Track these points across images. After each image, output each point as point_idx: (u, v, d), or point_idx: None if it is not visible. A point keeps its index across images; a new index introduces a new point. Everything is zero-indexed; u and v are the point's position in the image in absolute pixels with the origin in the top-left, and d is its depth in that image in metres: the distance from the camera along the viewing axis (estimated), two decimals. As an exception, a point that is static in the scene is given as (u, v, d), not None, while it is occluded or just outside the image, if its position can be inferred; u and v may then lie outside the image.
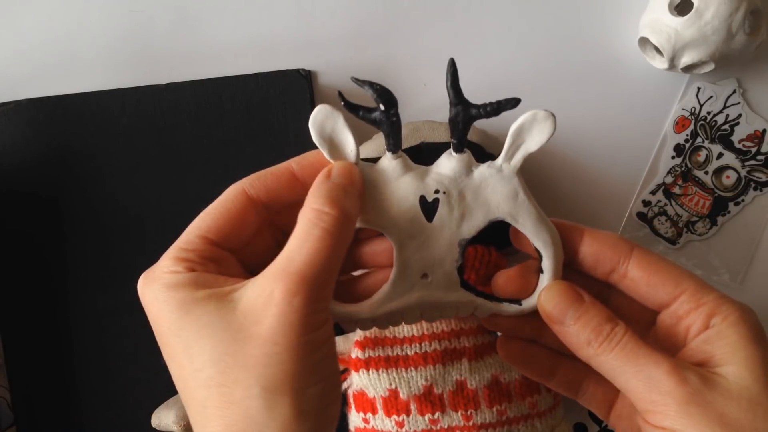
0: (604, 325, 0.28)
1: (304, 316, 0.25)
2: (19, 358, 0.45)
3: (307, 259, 0.26)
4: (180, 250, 0.28)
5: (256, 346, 0.25)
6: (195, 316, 0.26)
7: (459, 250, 0.30)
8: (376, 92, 0.28)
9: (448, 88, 0.29)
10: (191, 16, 0.48)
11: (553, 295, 0.29)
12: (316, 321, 0.26)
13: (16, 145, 0.45)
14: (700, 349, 0.28)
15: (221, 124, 0.46)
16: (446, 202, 0.29)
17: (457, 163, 0.30)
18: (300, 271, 0.25)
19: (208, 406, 0.26)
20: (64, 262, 0.46)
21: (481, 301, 0.31)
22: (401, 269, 0.30)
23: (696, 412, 0.26)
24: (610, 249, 0.30)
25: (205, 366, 0.25)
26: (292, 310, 0.25)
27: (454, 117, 0.29)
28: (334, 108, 0.28)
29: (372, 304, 0.30)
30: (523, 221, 0.30)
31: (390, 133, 0.29)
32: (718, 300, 0.28)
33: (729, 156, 0.48)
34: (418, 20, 0.48)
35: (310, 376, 0.25)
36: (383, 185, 0.29)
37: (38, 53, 0.48)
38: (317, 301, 0.26)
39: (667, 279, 0.29)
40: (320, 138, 0.29)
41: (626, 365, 0.27)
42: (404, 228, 0.29)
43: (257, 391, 0.25)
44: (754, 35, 0.43)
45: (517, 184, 0.30)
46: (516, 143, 0.29)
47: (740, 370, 0.26)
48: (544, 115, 0.29)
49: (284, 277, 0.25)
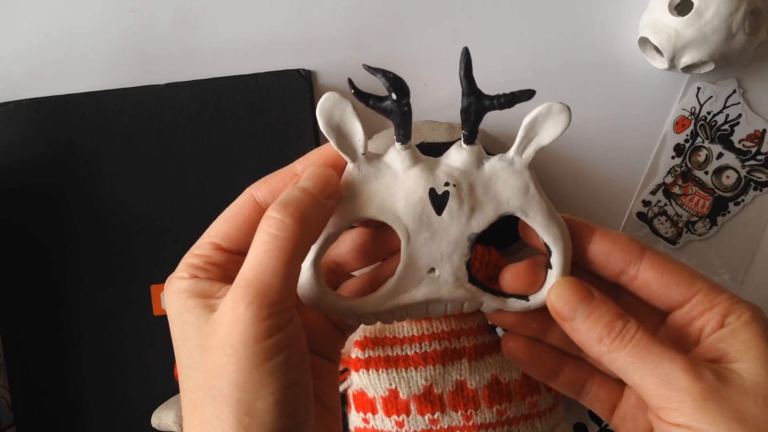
0: (615, 321, 0.28)
1: (253, 324, 0.25)
2: (19, 358, 0.45)
3: (254, 267, 0.26)
4: (192, 255, 0.29)
5: (211, 356, 0.25)
6: (183, 323, 0.27)
7: (468, 244, 0.29)
8: (388, 80, 0.28)
9: (461, 77, 0.28)
10: (191, 16, 0.48)
11: (564, 292, 0.29)
12: (267, 328, 0.25)
13: (16, 145, 0.45)
14: (713, 347, 0.28)
15: (221, 124, 0.46)
16: (456, 196, 0.29)
17: (468, 155, 0.29)
18: (247, 279, 0.25)
19: (183, 407, 0.27)
20: (64, 262, 0.46)
21: (488, 296, 0.30)
22: (408, 263, 0.29)
23: (713, 408, 0.26)
24: (621, 249, 0.29)
25: (182, 370, 0.27)
26: (239, 319, 0.25)
27: (467, 107, 0.28)
28: (342, 96, 0.28)
29: (377, 299, 0.30)
30: (534, 215, 0.29)
31: (400, 123, 0.28)
32: (731, 299, 0.28)
33: (729, 156, 0.48)
34: (418, 20, 0.48)
35: (259, 387, 0.25)
36: (392, 177, 0.29)
37: (38, 53, 0.48)
38: (268, 306, 0.25)
39: (680, 280, 0.29)
40: (328, 127, 0.28)
41: (640, 362, 0.27)
42: (412, 221, 0.29)
43: (208, 399, 0.25)
44: (754, 35, 0.43)
45: (528, 178, 0.29)
46: (528, 136, 0.29)
47: (755, 366, 0.26)
48: (559, 107, 0.28)
49: (236, 286, 0.26)
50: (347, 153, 0.29)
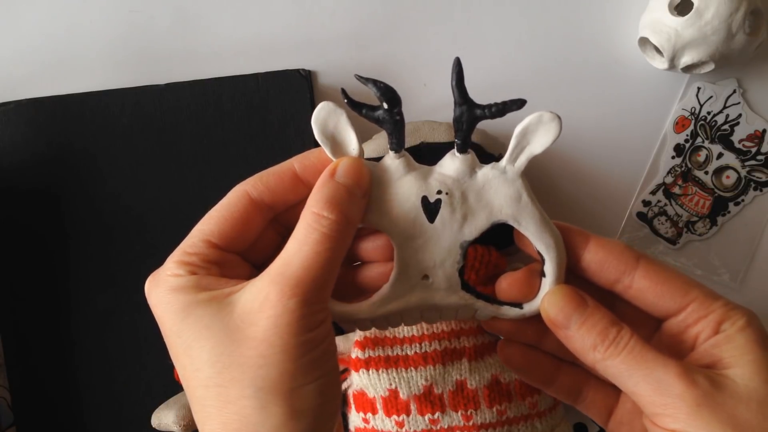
0: (609, 328, 0.28)
1: (300, 318, 0.25)
2: (19, 358, 0.45)
3: (304, 263, 0.26)
4: (184, 253, 0.28)
5: (251, 347, 0.25)
6: (195, 318, 0.26)
7: (460, 251, 0.30)
8: (379, 90, 0.28)
9: (453, 87, 0.28)
10: (191, 16, 0.48)
11: (557, 300, 0.29)
12: (312, 322, 0.26)
13: (16, 145, 0.45)
14: (708, 353, 0.28)
15: (221, 124, 0.46)
16: (448, 203, 0.29)
17: (461, 164, 0.29)
18: (296, 275, 0.26)
19: (207, 405, 0.26)
20: (64, 262, 0.46)
21: (481, 303, 0.31)
22: (401, 270, 0.30)
23: (707, 414, 0.26)
24: (616, 258, 0.29)
25: (203, 366, 0.26)
26: (287, 312, 0.25)
27: (459, 117, 0.28)
28: (337, 105, 0.28)
29: (371, 305, 0.30)
30: (526, 224, 0.29)
31: (393, 132, 0.29)
32: (726, 306, 0.28)
33: (729, 156, 0.48)
34: (418, 20, 0.48)
35: (306, 374, 0.26)
36: (385, 185, 0.29)
37: (38, 53, 0.48)
38: (314, 303, 0.26)
39: (675, 289, 0.29)
40: (323, 135, 0.29)
41: (634, 368, 0.27)
42: (405, 228, 0.29)
43: (251, 391, 0.25)
44: (754, 35, 0.43)
45: (521, 187, 0.29)
46: (521, 145, 0.29)
47: (748, 372, 0.27)
48: (549, 116, 0.28)
49: (280, 280, 0.26)
50: None
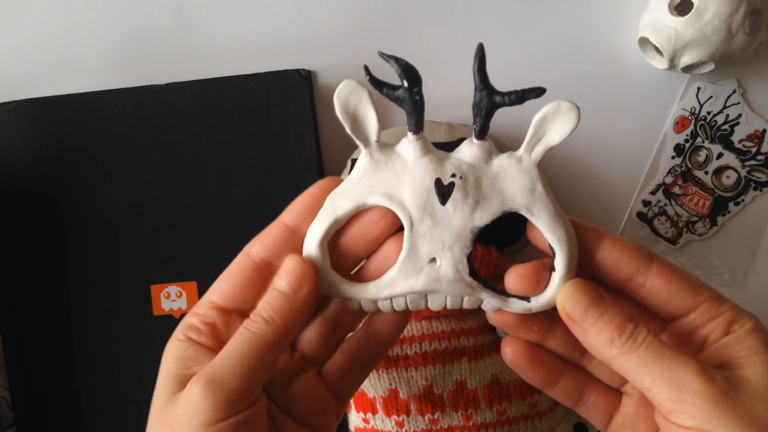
0: (626, 324, 0.28)
1: (206, 409, 0.26)
2: (19, 358, 0.45)
3: (218, 358, 0.28)
4: (191, 314, 0.30)
5: (165, 430, 0.27)
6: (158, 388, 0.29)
7: (471, 237, 0.29)
8: (401, 67, 0.28)
9: (474, 72, 0.28)
10: (191, 16, 0.48)
11: (575, 293, 0.29)
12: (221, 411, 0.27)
13: (16, 145, 0.45)
14: (718, 353, 0.28)
15: (221, 124, 0.46)
16: (462, 187, 0.29)
17: (478, 150, 0.29)
18: (209, 368, 0.27)
19: None
20: (64, 262, 0.46)
21: (488, 293, 0.30)
22: (410, 251, 0.29)
23: (725, 411, 0.26)
24: (629, 257, 0.30)
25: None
26: (194, 401, 0.27)
27: (478, 102, 0.28)
28: (359, 83, 0.28)
29: (377, 285, 0.30)
30: (539, 214, 0.29)
31: (412, 112, 0.29)
32: (734, 309, 0.29)
33: (729, 156, 0.48)
34: (418, 20, 0.48)
35: None
36: (401, 165, 0.29)
37: (38, 53, 0.48)
38: (224, 396, 0.27)
39: (687, 289, 0.29)
40: (343, 112, 0.29)
41: (651, 365, 0.27)
42: (417, 209, 0.29)
43: None
44: (754, 35, 0.43)
45: (536, 177, 0.29)
46: (537, 135, 0.29)
47: (761, 371, 0.27)
48: (567, 106, 0.28)
49: (202, 374, 0.27)
50: (360, 139, 0.29)
